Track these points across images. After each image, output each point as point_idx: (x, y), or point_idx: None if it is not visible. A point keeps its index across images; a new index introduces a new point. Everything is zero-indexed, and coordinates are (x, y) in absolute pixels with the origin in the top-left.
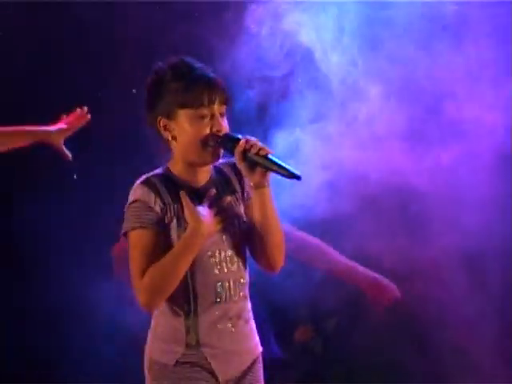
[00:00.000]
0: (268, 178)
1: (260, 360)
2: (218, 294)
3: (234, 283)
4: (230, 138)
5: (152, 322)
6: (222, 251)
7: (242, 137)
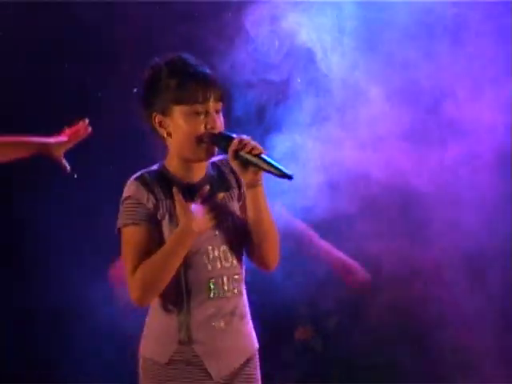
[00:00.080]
0: (261, 177)
1: (256, 357)
2: (210, 291)
3: (227, 280)
4: (223, 137)
5: (146, 320)
6: (215, 248)
7: (236, 136)
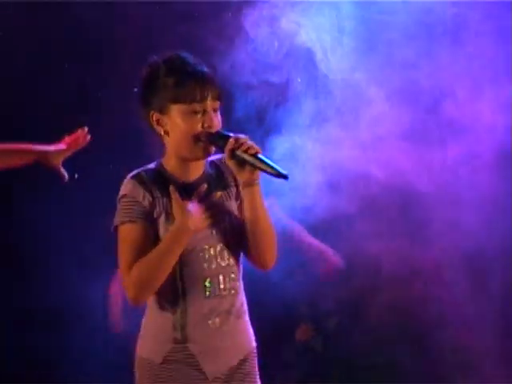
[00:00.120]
0: (257, 177)
1: (254, 355)
2: (206, 290)
3: (223, 279)
4: (220, 136)
5: (143, 319)
6: (211, 247)
7: (233, 135)
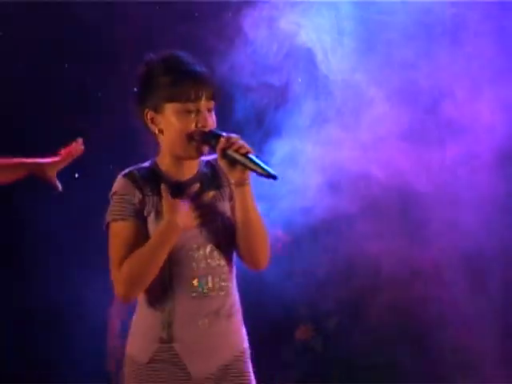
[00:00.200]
0: (248, 176)
1: (246, 355)
2: (194, 289)
3: (212, 279)
4: (213, 135)
5: (133, 317)
6: (201, 246)
7: (226, 134)
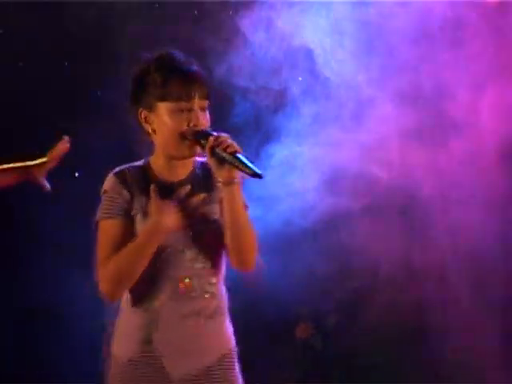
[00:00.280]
0: (236, 176)
1: (230, 358)
2: (177, 291)
3: (197, 281)
4: (204, 134)
5: (118, 316)
6: (186, 248)
7: (216, 134)
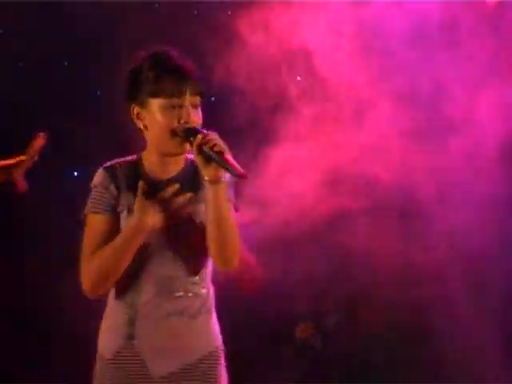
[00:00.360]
0: (222, 175)
1: (214, 357)
2: (159, 289)
3: (179, 280)
4: (193, 131)
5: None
6: (169, 247)
7: (205, 132)
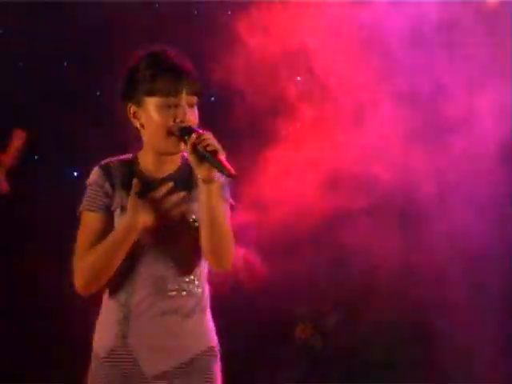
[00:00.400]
0: (215, 174)
1: (208, 356)
2: (152, 288)
3: (172, 279)
4: (188, 130)
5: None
6: (163, 246)
7: (201, 131)
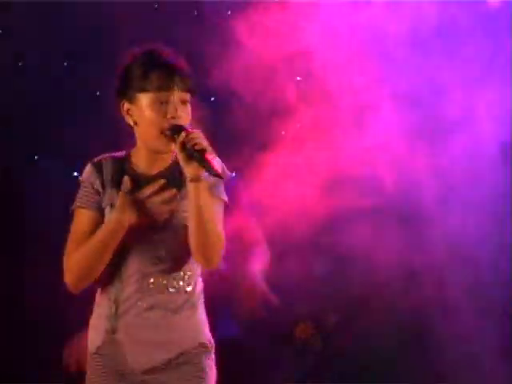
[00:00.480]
0: (203, 173)
1: (198, 352)
2: (139, 284)
3: (161, 275)
4: (178, 128)
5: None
6: (151, 243)
7: (190, 130)
